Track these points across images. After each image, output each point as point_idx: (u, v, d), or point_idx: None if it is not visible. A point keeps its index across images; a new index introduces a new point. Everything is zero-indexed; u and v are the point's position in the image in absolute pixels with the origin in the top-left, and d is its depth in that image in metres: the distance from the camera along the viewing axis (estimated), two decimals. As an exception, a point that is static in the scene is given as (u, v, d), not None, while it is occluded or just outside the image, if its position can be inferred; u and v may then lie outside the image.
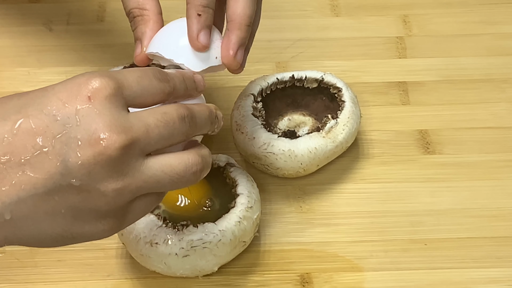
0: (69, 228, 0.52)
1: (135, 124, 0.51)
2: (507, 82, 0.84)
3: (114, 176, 0.50)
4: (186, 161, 0.53)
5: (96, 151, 0.49)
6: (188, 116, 0.54)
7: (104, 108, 0.50)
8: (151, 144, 0.52)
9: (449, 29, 0.90)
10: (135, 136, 0.50)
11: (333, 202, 0.75)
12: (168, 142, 0.53)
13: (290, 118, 0.79)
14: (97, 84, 0.50)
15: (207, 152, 0.56)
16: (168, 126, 0.52)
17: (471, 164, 0.78)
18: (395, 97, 0.83)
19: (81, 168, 0.49)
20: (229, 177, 0.71)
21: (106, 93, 0.50)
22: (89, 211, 0.51)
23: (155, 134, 0.52)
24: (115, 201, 0.51)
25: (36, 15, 0.91)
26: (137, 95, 0.52)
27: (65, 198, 0.50)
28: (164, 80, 0.54)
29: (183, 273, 0.67)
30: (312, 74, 0.78)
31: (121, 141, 0.50)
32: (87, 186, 0.50)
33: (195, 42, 0.62)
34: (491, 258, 0.71)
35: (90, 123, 0.50)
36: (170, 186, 0.53)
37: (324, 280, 0.70)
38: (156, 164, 0.52)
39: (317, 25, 0.90)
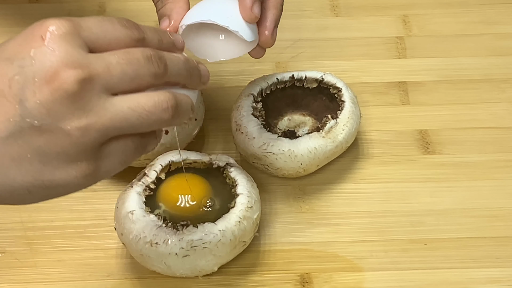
0: (39, 175, 0.50)
1: (94, 61, 0.50)
2: (507, 82, 0.84)
3: (76, 113, 0.49)
4: (155, 97, 0.52)
5: (52, 87, 0.48)
6: (156, 57, 0.52)
7: (58, 46, 0.49)
8: (114, 81, 0.50)
9: (449, 29, 0.90)
10: (93, 72, 0.50)
11: (333, 202, 0.75)
12: (135, 82, 0.51)
13: (290, 118, 0.79)
14: (51, 25, 0.50)
15: (185, 97, 0.54)
16: (132, 64, 0.51)
17: (471, 164, 0.78)
18: (395, 97, 0.83)
19: (39, 107, 0.48)
20: (229, 177, 0.71)
21: (60, 32, 0.50)
22: (57, 154, 0.50)
23: (117, 71, 0.50)
24: (82, 141, 0.50)
25: (36, 15, 0.91)
26: (98, 36, 0.51)
27: (28, 141, 0.49)
28: (132, 27, 0.53)
29: (183, 273, 0.67)
30: (312, 74, 0.78)
31: (77, 75, 0.49)
32: (48, 126, 0.49)
33: (249, 12, 0.63)
34: (491, 258, 0.71)
35: (45, 61, 0.49)
36: (139, 124, 0.51)
37: (324, 280, 0.70)
38: (122, 102, 0.51)
39: (317, 25, 0.90)
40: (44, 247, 0.72)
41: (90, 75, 0.49)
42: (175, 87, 0.55)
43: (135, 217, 0.67)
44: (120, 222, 0.68)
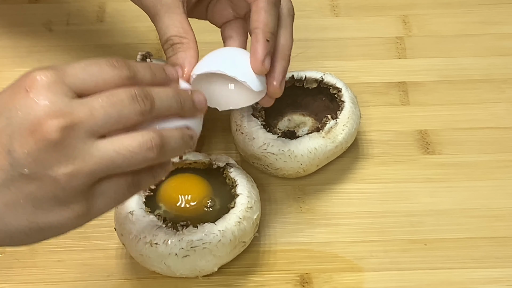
0: (34, 219, 0.52)
1: (77, 108, 0.51)
2: (506, 83, 0.84)
3: (62, 160, 0.51)
4: (139, 137, 0.53)
5: (36, 138, 0.50)
6: (141, 95, 0.53)
7: (41, 97, 0.51)
8: (98, 125, 0.52)
9: (449, 29, 0.90)
10: (76, 119, 0.51)
11: (333, 202, 0.75)
12: (120, 122, 0.52)
13: (289, 118, 0.79)
14: (35, 76, 0.51)
15: (173, 133, 0.55)
16: (115, 106, 0.52)
17: (470, 164, 0.78)
18: (394, 98, 0.83)
19: (27, 157, 0.50)
20: (229, 177, 0.71)
21: (44, 82, 0.51)
22: (48, 199, 0.52)
23: (100, 115, 0.51)
24: (70, 186, 0.51)
25: (36, 16, 0.91)
26: (84, 81, 0.53)
27: (20, 188, 0.51)
28: (121, 67, 0.54)
29: (183, 273, 0.67)
30: (312, 74, 0.78)
31: (59, 124, 0.50)
32: (37, 174, 0.51)
33: (259, 65, 0.64)
34: (491, 258, 0.71)
35: (28, 112, 0.50)
36: (126, 165, 0.53)
37: (324, 280, 0.70)
38: (107, 145, 0.52)
39: (317, 26, 0.90)
40: (44, 247, 0.72)
41: (72, 123, 0.51)
42: (173, 119, 0.56)
43: (135, 218, 0.67)
44: (120, 222, 0.68)
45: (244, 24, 0.71)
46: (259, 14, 0.65)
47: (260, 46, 0.64)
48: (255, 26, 0.65)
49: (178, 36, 0.66)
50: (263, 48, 0.64)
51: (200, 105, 0.58)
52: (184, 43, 0.66)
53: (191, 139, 0.57)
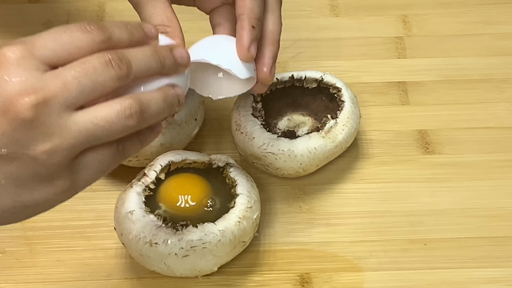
0: (18, 198, 0.51)
1: (49, 82, 0.50)
2: (506, 82, 0.84)
3: (39, 137, 0.49)
4: (117, 106, 0.51)
5: (10, 117, 0.49)
6: (115, 59, 0.51)
7: (11, 74, 0.49)
8: (73, 96, 0.50)
9: (449, 29, 0.90)
10: (48, 94, 0.49)
11: (333, 202, 0.75)
12: (96, 91, 0.51)
13: (289, 118, 0.79)
14: (3, 53, 0.50)
15: (152, 96, 0.53)
16: (88, 75, 0.50)
17: (470, 164, 0.78)
18: (394, 97, 0.83)
19: (2, 138, 0.49)
20: (229, 177, 0.71)
21: (13, 58, 0.50)
22: (30, 177, 0.51)
23: (74, 86, 0.50)
24: (51, 162, 0.50)
25: (36, 15, 0.91)
26: (55, 52, 0.51)
27: (0, 169, 0.50)
28: (94, 30, 0.52)
29: (183, 273, 0.67)
30: (312, 74, 0.78)
31: (31, 101, 0.49)
32: (15, 154, 0.50)
33: (245, 52, 0.63)
34: (491, 258, 0.71)
35: (0, 92, 0.49)
36: (106, 135, 0.51)
37: (324, 280, 0.70)
38: (84, 117, 0.50)
39: (316, 25, 0.90)
40: (44, 247, 0.72)
41: (45, 98, 0.49)
42: (156, 79, 0.54)
43: (135, 217, 0.67)
44: (120, 222, 0.68)
45: (232, 10, 0.69)
46: (244, 0, 0.64)
47: (246, 33, 0.63)
48: (240, 12, 0.64)
49: (162, 25, 0.64)
50: (248, 35, 0.63)
51: (182, 60, 0.56)
52: (169, 32, 0.64)
53: (176, 97, 0.55)
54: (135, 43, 0.54)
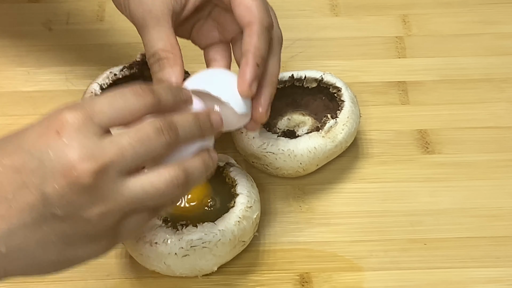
0: (63, 254, 0.54)
1: (107, 149, 0.52)
2: (506, 82, 0.84)
3: (95, 201, 0.52)
4: (166, 176, 0.55)
5: (70, 181, 0.51)
6: (166, 127, 0.55)
7: (73, 139, 0.52)
8: (128, 163, 0.53)
9: (449, 29, 0.90)
10: (107, 161, 0.52)
11: (333, 202, 0.75)
12: (147, 158, 0.54)
13: (289, 117, 0.79)
14: (65, 118, 0.53)
15: (195, 164, 0.57)
16: (143, 143, 0.53)
17: (470, 164, 0.78)
18: (394, 97, 0.83)
19: (60, 199, 0.52)
20: (229, 176, 0.71)
21: (74, 125, 0.52)
22: (79, 236, 0.53)
23: (129, 153, 0.53)
24: (101, 224, 0.53)
25: (36, 15, 0.91)
26: (111, 117, 0.54)
27: (52, 227, 0.53)
28: (145, 93, 0.55)
29: (183, 272, 0.67)
30: (312, 73, 0.78)
31: (91, 168, 0.52)
32: (70, 214, 0.52)
33: (246, 88, 0.64)
34: (491, 257, 0.71)
35: (61, 155, 0.52)
36: (153, 203, 0.55)
37: (324, 279, 0.70)
38: (136, 184, 0.54)
39: (316, 25, 0.90)
40: (43, 246, 0.72)
41: (104, 165, 0.52)
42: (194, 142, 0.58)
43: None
44: (120, 221, 0.68)
45: (228, 48, 0.71)
46: (251, 38, 0.65)
47: (250, 69, 0.64)
48: (247, 49, 0.64)
49: (165, 51, 0.66)
50: (252, 72, 0.64)
51: (217, 125, 0.60)
52: (170, 59, 0.65)
53: (211, 161, 0.58)
54: (176, 106, 0.58)
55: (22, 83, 0.85)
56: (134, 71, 0.78)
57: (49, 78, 0.85)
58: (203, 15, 0.71)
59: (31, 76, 0.85)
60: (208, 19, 0.71)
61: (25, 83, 0.85)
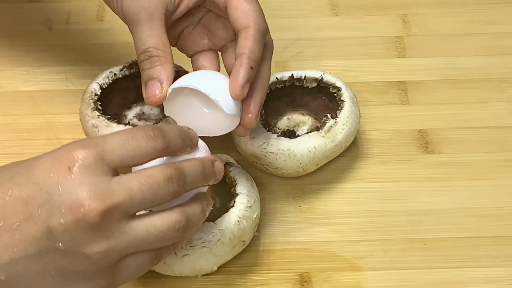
0: (59, 287, 0.55)
1: (116, 190, 0.53)
2: (506, 82, 0.84)
3: (98, 239, 0.53)
4: (169, 219, 0.56)
5: (77, 218, 0.52)
6: (176, 176, 0.56)
7: (83, 177, 0.53)
8: (134, 207, 0.54)
9: (449, 28, 0.90)
10: (115, 202, 0.53)
11: (333, 202, 0.75)
12: (153, 204, 0.55)
13: (289, 117, 0.79)
14: (77, 155, 0.53)
15: (195, 210, 0.58)
16: (152, 189, 0.55)
17: (470, 164, 0.78)
18: (394, 97, 0.83)
19: (64, 234, 0.52)
20: (229, 176, 0.71)
21: (86, 163, 0.53)
22: (77, 272, 0.54)
23: (138, 198, 0.54)
24: (101, 263, 0.54)
25: (36, 15, 0.91)
26: (123, 158, 0.55)
27: (53, 260, 0.53)
28: (156, 137, 0.56)
29: (183, 272, 0.67)
30: (312, 73, 0.78)
31: (100, 208, 0.52)
32: (72, 250, 0.53)
33: (238, 90, 0.64)
34: (490, 257, 0.71)
35: (71, 192, 0.53)
36: (155, 244, 0.56)
37: (323, 279, 0.70)
38: (140, 225, 0.55)
39: (316, 25, 0.90)
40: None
41: (112, 206, 0.53)
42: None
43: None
44: (120, 221, 0.68)
45: (217, 56, 0.71)
46: (247, 41, 0.65)
47: (243, 71, 0.64)
48: (242, 52, 0.65)
49: (156, 49, 0.66)
50: (246, 74, 0.64)
51: (219, 174, 0.61)
52: (161, 57, 0.66)
53: (208, 206, 0.60)
54: (184, 149, 0.59)
55: (22, 82, 0.85)
56: (134, 70, 0.78)
57: (49, 78, 0.85)
58: (193, 21, 0.71)
59: (31, 76, 0.85)
60: (197, 26, 0.71)
61: (25, 83, 0.85)
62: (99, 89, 0.76)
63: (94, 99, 0.75)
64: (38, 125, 0.81)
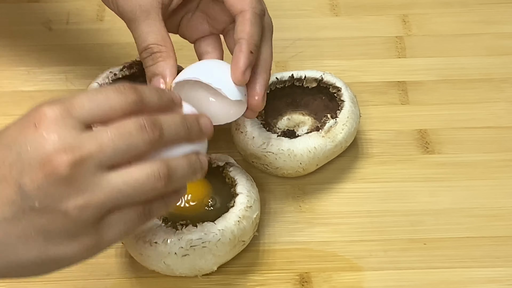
0: (45, 251, 0.53)
1: (86, 142, 0.52)
2: (506, 82, 0.84)
3: (72, 193, 0.51)
4: (147, 169, 0.53)
5: (46, 173, 0.51)
6: (149, 124, 0.53)
7: (50, 132, 0.52)
8: (107, 157, 0.52)
9: (449, 28, 0.90)
10: (85, 153, 0.51)
11: (333, 202, 0.75)
12: (129, 153, 0.53)
13: (289, 117, 0.79)
14: (43, 111, 0.52)
15: (180, 162, 0.55)
16: (123, 138, 0.53)
17: (470, 164, 0.78)
18: (394, 97, 0.83)
19: (37, 191, 0.51)
20: (229, 176, 0.71)
21: (52, 117, 0.52)
22: (59, 231, 0.52)
23: (109, 148, 0.52)
24: (80, 219, 0.52)
25: (36, 15, 0.91)
26: (92, 112, 0.53)
27: (31, 221, 0.52)
28: (128, 92, 0.54)
29: (183, 272, 0.67)
30: (312, 73, 0.78)
31: (69, 159, 0.51)
32: (47, 207, 0.51)
33: (240, 75, 0.63)
34: (490, 257, 0.71)
35: (38, 147, 0.51)
36: (136, 196, 0.53)
37: (323, 279, 0.70)
38: (117, 177, 0.53)
39: (316, 25, 0.90)
40: (43, 246, 0.72)
41: (81, 157, 0.51)
42: (181, 144, 0.56)
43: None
44: (120, 221, 0.68)
45: (219, 40, 0.71)
46: (244, 25, 0.65)
47: (243, 56, 0.64)
48: (240, 37, 0.64)
49: (157, 45, 0.66)
50: (246, 59, 0.64)
51: (207, 129, 0.58)
52: (163, 52, 0.65)
53: (199, 164, 0.57)
54: (163, 107, 0.56)
55: (22, 82, 0.85)
56: (134, 70, 0.78)
57: (49, 78, 0.85)
58: (191, 7, 0.71)
59: (31, 76, 0.85)
60: (196, 12, 0.71)
61: (25, 83, 0.85)
62: (99, 89, 0.76)
63: (94, 99, 0.75)
64: (38, 125, 0.81)
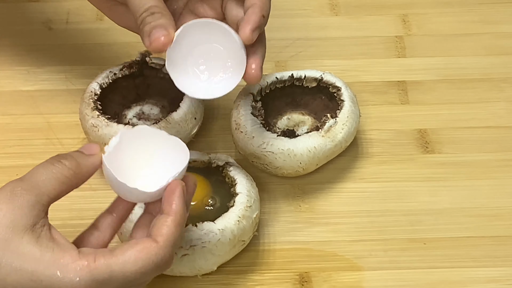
0: None
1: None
2: (506, 82, 0.84)
3: None
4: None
5: None
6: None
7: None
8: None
9: (448, 28, 0.90)
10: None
11: (332, 201, 0.75)
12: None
13: (289, 117, 0.79)
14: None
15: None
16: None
17: (470, 164, 0.78)
18: (394, 97, 0.83)
19: None
20: (228, 176, 0.71)
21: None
22: None
23: None
24: None
25: (36, 14, 0.91)
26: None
27: None
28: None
29: (182, 272, 0.67)
30: (312, 73, 0.78)
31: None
32: None
33: (249, 32, 0.64)
34: (490, 257, 0.71)
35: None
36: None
37: (323, 279, 0.70)
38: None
39: (316, 25, 0.90)
40: (43, 246, 0.71)
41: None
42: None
43: (135, 216, 0.67)
44: (119, 221, 0.68)
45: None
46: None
47: (256, 16, 0.64)
48: (254, 3, 0.65)
49: (157, 7, 0.65)
50: (257, 19, 0.64)
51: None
52: (164, 13, 0.65)
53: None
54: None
55: (22, 82, 0.85)
56: (134, 70, 0.78)
57: (49, 77, 0.85)
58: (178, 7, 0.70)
59: (30, 75, 0.85)
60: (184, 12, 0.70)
61: (24, 82, 0.85)
62: (99, 89, 0.76)
63: (94, 98, 0.75)
64: (38, 125, 0.81)
